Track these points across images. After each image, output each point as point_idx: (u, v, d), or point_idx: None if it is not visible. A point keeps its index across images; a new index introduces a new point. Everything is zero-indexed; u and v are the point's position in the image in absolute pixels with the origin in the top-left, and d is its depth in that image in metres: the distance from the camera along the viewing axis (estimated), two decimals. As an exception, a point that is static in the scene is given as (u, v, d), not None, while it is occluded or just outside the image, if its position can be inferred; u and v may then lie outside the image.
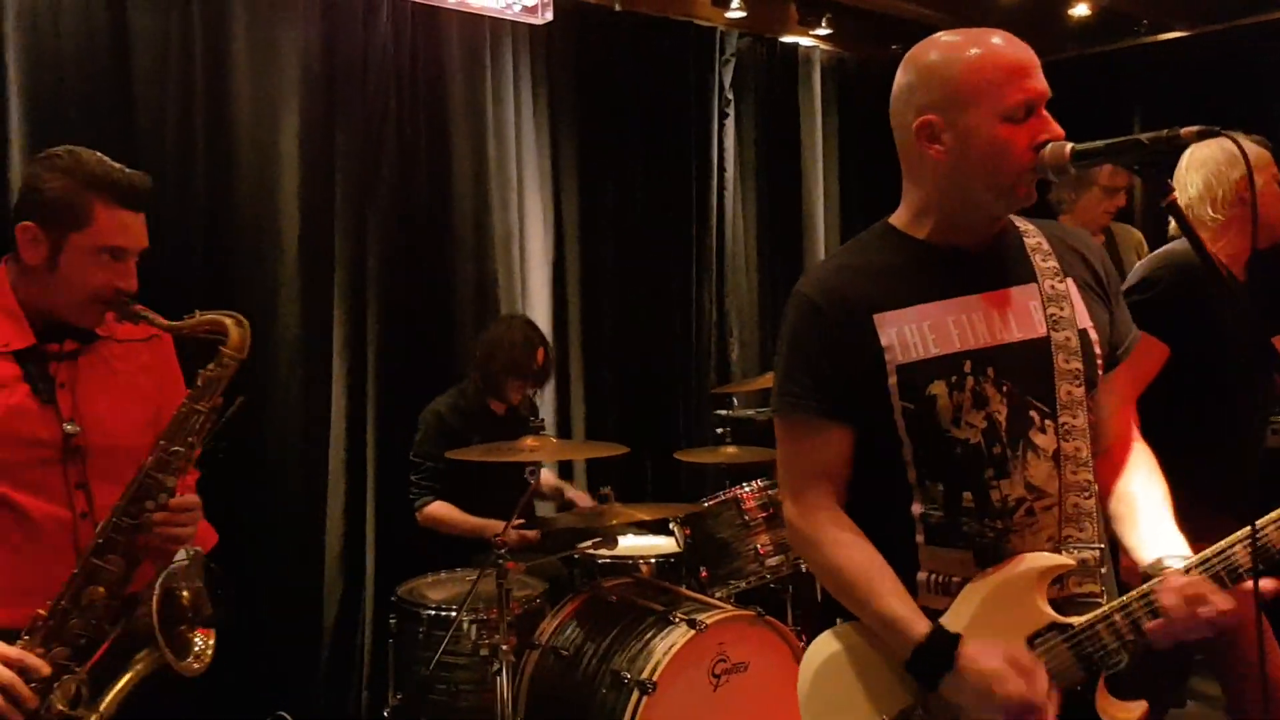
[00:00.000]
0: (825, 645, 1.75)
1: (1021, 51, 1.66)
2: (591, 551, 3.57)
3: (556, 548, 3.74)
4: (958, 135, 1.65)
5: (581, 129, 4.85)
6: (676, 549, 3.66)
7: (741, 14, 5.02)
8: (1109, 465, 1.81)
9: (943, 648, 1.59)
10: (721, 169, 5.28)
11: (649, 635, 3.07)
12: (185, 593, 1.99)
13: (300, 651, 3.95)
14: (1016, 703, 1.54)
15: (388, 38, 4.15)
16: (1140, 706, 1.65)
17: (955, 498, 1.66)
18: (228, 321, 2.03)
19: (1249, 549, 1.57)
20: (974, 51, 1.65)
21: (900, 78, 1.72)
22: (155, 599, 1.89)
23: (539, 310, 4.63)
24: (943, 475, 1.67)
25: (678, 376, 5.15)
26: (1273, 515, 1.59)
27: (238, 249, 3.83)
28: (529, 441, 3.35)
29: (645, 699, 2.90)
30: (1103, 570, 1.68)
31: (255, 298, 3.84)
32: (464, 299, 4.42)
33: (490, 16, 4.39)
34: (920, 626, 1.62)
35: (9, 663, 1.82)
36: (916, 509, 1.69)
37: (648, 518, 3.55)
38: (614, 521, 3.50)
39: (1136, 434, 1.87)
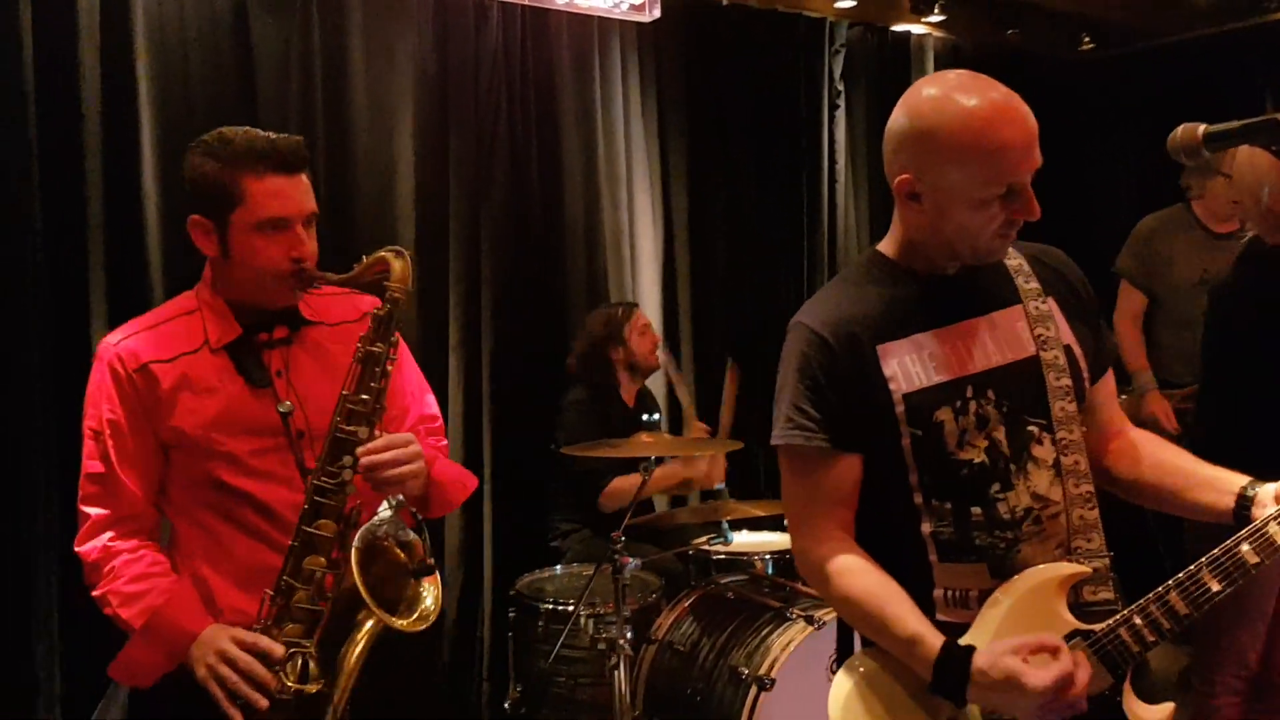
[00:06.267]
0: (849, 677, 1.73)
1: (1013, 130, 1.60)
2: (706, 548, 3.58)
3: (672, 544, 3.75)
4: (935, 204, 1.66)
5: (690, 125, 4.84)
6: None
7: (851, 3, 4.95)
8: (1118, 453, 1.86)
9: (956, 664, 1.58)
10: (833, 162, 5.22)
11: (766, 631, 3.06)
12: (393, 545, 1.89)
13: (423, 643, 4.03)
14: (1043, 690, 1.52)
15: (498, 40, 4.20)
16: (1167, 708, 1.66)
17: (964, 514, 1.68)
18: (388, 256, 1.97)
19: None
20: (963, 127, 1.60)
21: (896, 116, 1.71)
22: (354, 557, 1.80)
23: (649, 306, 4.64)
24: (950, 495, 1.69)
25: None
26: None
27: (358, 252, 3.89)
28: (643, 437, 3.37)
29: (763, 695, 2.89)
30: (1113, 577, 1.70)
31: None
32: (575, 297, 4.46)
33: (599, 16, 4.41)
34: (935, 645, 1.61)
35: (246, 647, 1.83)
36: (926, 528, 1.70)
37: (763, 514, 3.54)
38: (729, 518, 3.50)
39: (1129, 423, 1.92)
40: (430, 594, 1.89)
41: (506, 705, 3.48)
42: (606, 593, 3.19)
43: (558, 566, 3.71)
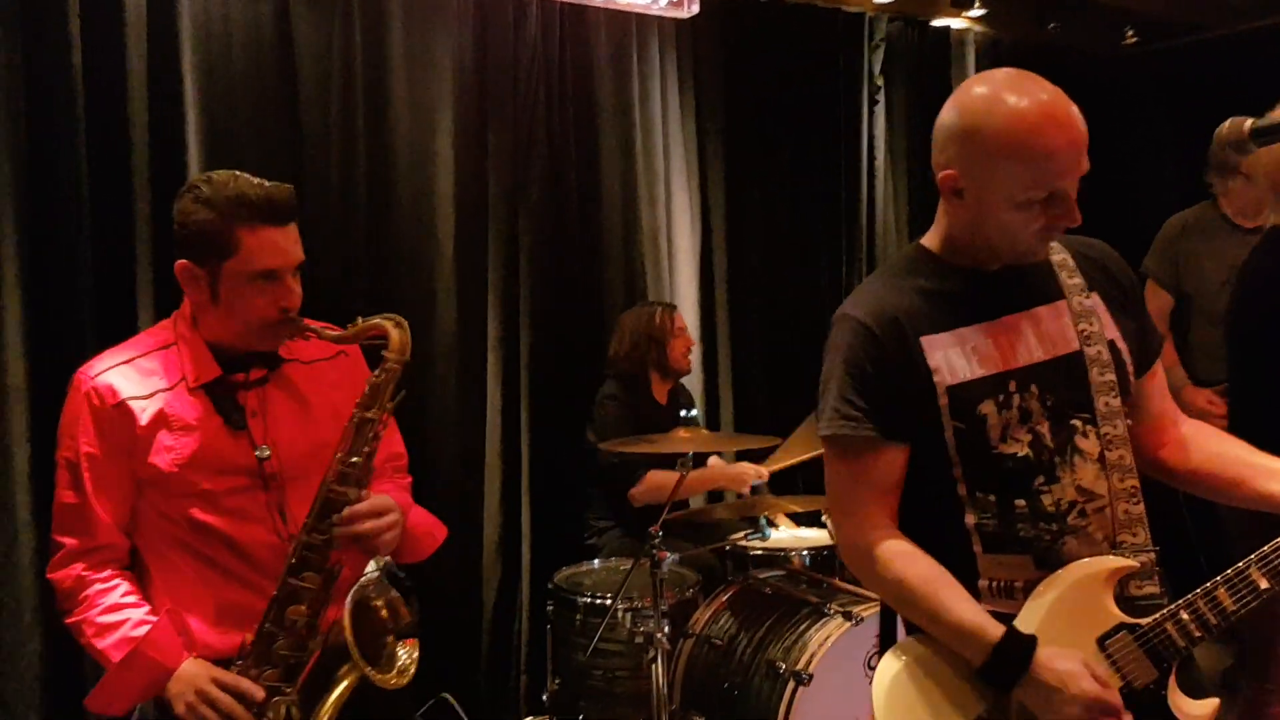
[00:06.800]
0: (894, 661, 1.74)
1: (1061, 135, 1.60)
2: (744, 543, 3.58)
3: (709, 539, 3.76)
4: (977, 201, 1.68)
5: (728, 121, 4.84)
6: (829, 541, 3.65)
7: (890, -3, 4.94)
8: (1175, 445, 1.87)
9: (1018, 651, 1.59)
10: (871, 158, 5.19)
11: (803, 627, 3.07)
12: (381, 604, 1.98)
13: (462, 637, 4.07)
14: (1093, 700, 1.54)
15: (537, 38, 4.23)
16: (1212, 703, 1.67)
17: (1008, 506, 1.69)
18: (387, 325, 2.00)
19: None
20: (1010, 129, 1.61)
21: (946, 111, 1.72)
22: (347, 613, 1.88)
23: (687, 303, 4.65)
24: (994, 487, 1.70)
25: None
26: None
27: (398, 250, 3.96)
28: (681, 433, 3.38)
29: (800, 689, 2.90)
30: (1159, 572, 1.70)
31: (414, 297, 3.97)
32: (613, 294, 4.48)
33: (637, 13, 4.42)
34: (994, 631, 1.61)
35: (226, 688, 1.86)
36: (970, 520, 1.71)
37: (800, 509, 3.54)
38: (766, 513, 3.50)
39: (1183, 415, 1.92)
40: (405, 653, 1.97)
41: (544, 698, 3.51)
42: (644, 587, 3.20)
43: (595, 560, 3.74)
